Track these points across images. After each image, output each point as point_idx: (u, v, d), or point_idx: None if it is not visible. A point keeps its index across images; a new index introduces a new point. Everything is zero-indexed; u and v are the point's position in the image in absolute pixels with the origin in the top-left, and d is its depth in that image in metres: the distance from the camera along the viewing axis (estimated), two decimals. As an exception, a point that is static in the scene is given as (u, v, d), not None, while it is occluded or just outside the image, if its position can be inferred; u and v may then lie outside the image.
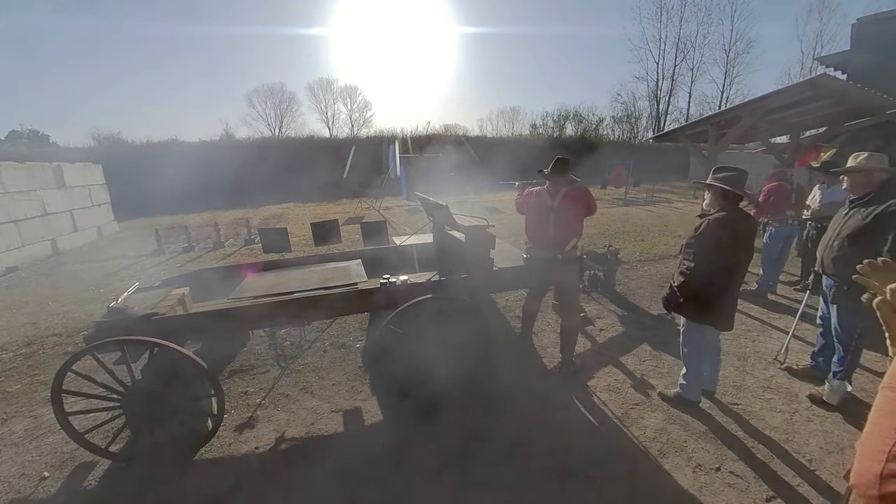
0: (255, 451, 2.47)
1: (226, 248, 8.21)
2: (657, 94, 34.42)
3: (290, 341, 3.88)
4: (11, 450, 2.57)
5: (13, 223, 7.50)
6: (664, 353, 3.47)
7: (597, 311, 4.43)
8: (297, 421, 2.74)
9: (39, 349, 3.96)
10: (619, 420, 2.65)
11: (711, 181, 2.46)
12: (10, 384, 3.34)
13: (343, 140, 22.61)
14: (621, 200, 14.14)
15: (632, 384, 3.05)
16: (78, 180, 9.77)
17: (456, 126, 28.40)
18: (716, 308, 2.44)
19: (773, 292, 4.83)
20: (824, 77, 4.62)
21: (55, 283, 6.26)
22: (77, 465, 2.41)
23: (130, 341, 2.23)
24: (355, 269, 3.41)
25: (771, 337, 3.75)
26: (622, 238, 8.11)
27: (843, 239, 2.50)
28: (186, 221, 10.78)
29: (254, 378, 3.29)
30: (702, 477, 2.17)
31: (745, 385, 2.99)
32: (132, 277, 6.27)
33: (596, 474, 2.20)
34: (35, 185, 8.26)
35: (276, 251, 5.02)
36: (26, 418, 2.88)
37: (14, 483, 2.29)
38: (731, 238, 2.32)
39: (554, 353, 3.40)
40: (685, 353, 2.69)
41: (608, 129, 34.25)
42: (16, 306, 5.25)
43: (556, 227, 2.95)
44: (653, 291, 5.02)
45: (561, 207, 2.93)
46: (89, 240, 9.75)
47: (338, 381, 3.20)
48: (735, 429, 2.54)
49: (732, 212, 2.38)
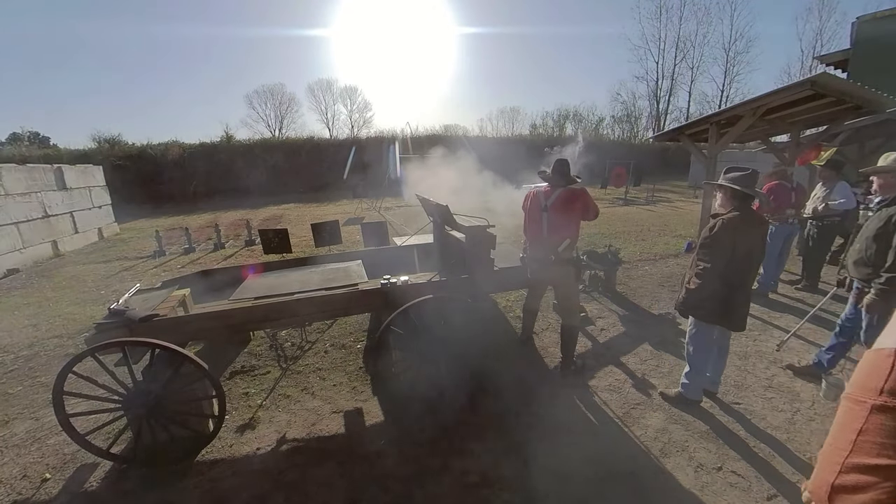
0: (256, 452, 2.47)
1: (226, 249, 8.21)
2: (657, 94, 34.39)
3: (291, 342, 3.89)
4: (13, 451, 2.57)
5: (14, 225, 7.51)
6: (665, 353, 3.47)
7: (597, 311, 4.43)
8: (299, 422, 2.74)
9: (41, 351, 3.97)
10: (620, 420, 2.65)
11: (723, 181, 2.46)
12: (12, 386, 3.34)
13: (343, 141, 22.61)
14: (622, 200, 14.13)
15: (633, 384, 3.04)
16: (78, 182, 9.79)
17: (456, 126, 28.40)
18: (730, 308, 2.44)
19: (774, 291, 4.82)
20: (824, 75, 4.60)
21: (56, 285, 6.27)
22: (79, 466, 2.42)
23: (131, 343, 2.24)
24: (356, 269, 3.41)
25: (772, 336, 3.75)
26: (623, 238, 8.11)
27: (869, 240, 2.48)
28: (187, 223, 10.79)
29: (255, 379, 3.29)
30: (703, 476, 2.17)
31: (747, 384, 2.99)
32: (133, 279, 6.28)
33: (597, 474, 2.20)
34: (36, 186, 8.27)
35: (276, 252, 5.02)
36: (28, 420, 2.88)
37: (16, 485, 2.30)
38: (744, 237, 2.32)
39: (555, 353, 3.40)
40: (690, 351, 2.68)
41: (608, 128, 34.27)
42: (17, 308, 5.26)
43: (549, 228, 2.97)
44: (653, 291, 5.02)
45: (554, 208, 2.94)
46: (90, 241, 9.76)
47: (339, 381, 3.20)
48: (737, 428, 2.53)
49: (745, 211, 2.39)
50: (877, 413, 0.44)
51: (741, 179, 2.40)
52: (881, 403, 0.44)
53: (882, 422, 0.43)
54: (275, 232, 5.05)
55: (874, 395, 0.45)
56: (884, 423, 0.43)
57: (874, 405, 0.44)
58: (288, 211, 13.73)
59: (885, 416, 0.43)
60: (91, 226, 9.98)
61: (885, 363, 0.45)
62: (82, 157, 15.87)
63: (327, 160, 19.52)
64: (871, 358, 0.48)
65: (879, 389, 0.45)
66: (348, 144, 20.29)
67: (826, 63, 13.45)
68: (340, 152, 19.55)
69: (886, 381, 0.45)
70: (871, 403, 0.45)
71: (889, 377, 0.44)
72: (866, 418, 0.45)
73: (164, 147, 18.97)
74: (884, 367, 0.45)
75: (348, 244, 7.17)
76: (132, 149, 18.83)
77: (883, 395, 0.44)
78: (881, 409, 0.44)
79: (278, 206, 14.72)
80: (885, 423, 0.43)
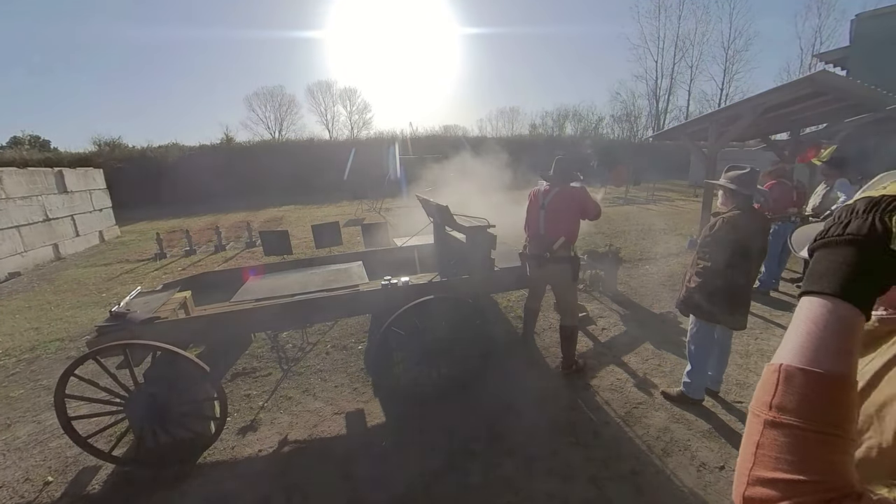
0: (258, 453, 2.47)
1: (227, 251, 8.22)
2: (656, 93, 34.38)
3: (292, 344, 3.89)
4: (15, 455, 2.57)
5: (15, 228, 7.52)
6: (666, 352, 3.47)
7: (599, 311, 4.42)
8: (300, 423, 2.73)
9: (42, 354, 3.97)
10: (622, 419, 2.65)
11: (724, 181, 2.46)
12: (14, 389, 3.34)
13: (343, 142, 22.64)
14: (622, 199, 14.12)
15: (634, 383, 3.04)
16: (79, 185, 9.80)
17: (456, 127, 28.46)
18: (731, 306, 2.44)
19: (776, 290, 4.82)
20: (824, 73, 4.61)
21: (57, 288, 6.28)
22: (81, 469, 2.42)
23: (133, 345, 2.24)
24: (356, 270, 3.41)
25: (774, 334, 3.74)
26: (623, 237, 8.10)
27: None
28: (188, 225, 10.80)
29: (256, 381, 3.29)
30: (706, 476, 2.17)
31: (749, 383, 2.99)
32: (134, 282, 6.29)
33: (599, 474, 2.19)
34: (36, 190, 8.28)
35: (277, 254, 5.02)
36: (30, 423, 2.89)
37: (18, 488, 2.30)
38: (746, 236, 2.33)
39: (556, 352, 3.40)
40: (692, 350, 2.68)
41: (608, 128, 34.29)
42: (18, 311, 5.26)
43: (545, 226, 2.98)
44: (654, 290, 5.01)
45: (550, 207, 2.96)
46: (91, 244, 9.77)
47: (340, 383, 3.20)
48: (739, 427, 2.53)
49: (746, 210, 2.39)
50: (769, 428, 0.46)
51: (741, 178, 2.40)
52: (771, 419, 0.46)
53: (775, 436, 0.45)
54: (275, 233, 5.06)
55: (765, 409, 0.47)
56: (776, 438, 0.44)
57: (766, 419, 0.46)
58: (288, 212, 13.74)
59: (777, 432, 0.45)
60: (92, 229, 9.99)
61: (772, 378, 0.47)
62: (83, 160, 15.90)
63: (327, 161, 19.54)
64: (765, 372, 0.50)
65: (769, 404, 0.46)
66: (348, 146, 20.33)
67: (825, 61, 13.46)
68: (340, 154, 19.58)
69: (773, 395, 0.46)
70: (764, 418, 0.47)
71: (776, 392, 0.46)
72: (761, 432, 0.46)
73: (164, 149, 19.01)
74: (771, 382, 0.47)
75: (349, 245, 7.17)
76: (132, 151, 18.89)
77: (772, 410, 0.46)
78: (772, 424, 0.45)
79: (279, 208, 14.73)
80: (778, 439, 0.44)
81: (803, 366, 0.45)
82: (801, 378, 0.45)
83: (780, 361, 0.48)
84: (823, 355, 0.45)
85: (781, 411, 0.45)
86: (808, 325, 0.48)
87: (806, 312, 0.49)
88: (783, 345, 0.50)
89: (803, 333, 0.48)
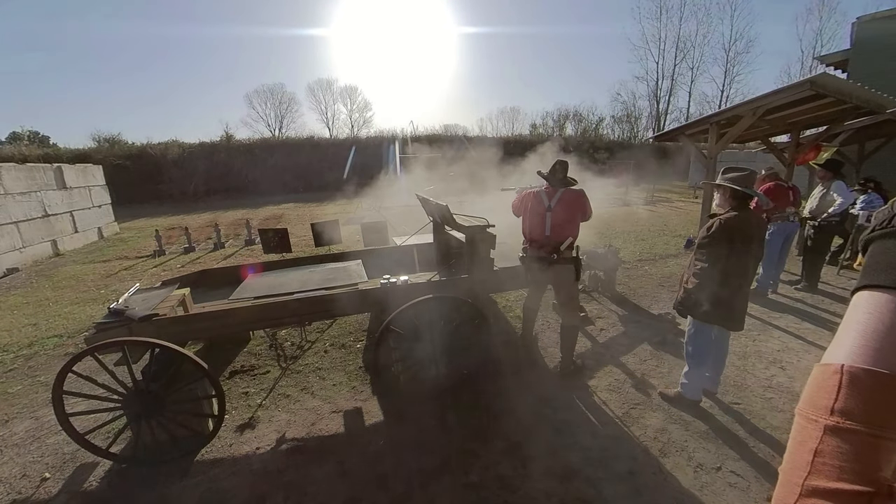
0: (255, 451, 2.47)
1: (226, 248, 8.21)
2: (657, 94, 34.43)
3: (291, 342, 3.89)
4: (13, 451, 2.57)
5: (14, 224, 7.51)
6: (665, 353, 3.47)
7: (597, 311, 4.43)
8: (298, 421, 2.74)
9: (40, 350, 3.97)
10: (619, 420, 2.65)
11: (721, 181, 2.46)
12: (12, 385, 3.34)
13: (343, 140, 22.60)
14: (622, 200, 14.12)
15: (632, 384, 3.04)
16: (78, 181, 9.78)
17: (456, 126, 28.43)
18: (728, 308, 2.45)
19: (774, 291, 4.82)
20: (824, 76, 4.60)
21: (56, 285, 6.27)
22: (78, 465, 2.42)
23: (131, 342, 2.24)
24: (355, 269, 3.41)
25: (771, 336, 3.75)
26: (623, 237, 8.11)
27: None
28: (187, 222, 10.79)
29: (254, 379, 3.29)
30: (703, 476, 2.17)
31: (746, 384, 2.99)
32: (133, 278, 6.28)
33: (597, 474, 2.20)
34: (35, 186, 8.27)
35: (276, 252, 5.02)
36: (27, 419, 2.88)
37: (15, 484, 2.30)
38: (743, 237, 2.33)
39: (555, 352, 3.40)
40: (689, 351, 2.68)
41: (608, 128, 34.31)
42: (17, 307, 5.26)
43: (552, 228, 2.98)
44: (653, 291, 5.02)
45: (557, 209, 2.95)
46: (90, 241, 9.76)
47: (338, 381, 3.20)
48: (736, 428, 2.54)
49: (742, 211, 2.39)
50: (830, 434, 0.42)
51: (739, 179, 2.40)
52: (833, 424, 0.41)
53: (837, 444, 0.41)
54: (274, 231, 5.05)
55: (825, 414, 0.42)
56: (839, 446, 0.41)
57: (827, 426, 0.42)
58: (288, 210, 13.73)
59: (839, 439, 0.41)
60: (91, 225, 9.98)
61: (832, 380, 0.43)
62: (82, 156, 15.88)
63: (327, 160, 19.53)
64: (819, 373, 0.45)
65: (830, 409, 0.42)
66: (348, 144, 20.31)
67: (826, 63, 13.44)
68: (340, 152, 19.58)
69: (836, 400, 0.42)
70: (824, 423, 0.42)
71: (838, 396, 0.42)
72: (820, 438, 0.42)
73: (164, 146, 18.98)
74: (831, 384, 0.43)
75: (348, 244, 7.17)
76: (132, 148, 18.87)
77: (834, 415, 0.42)
78: (834, 430, 0.41)
79: (278, 206, 14.72)
80: (841, 446, 0.40)
81: (869, 366, 0.41)
82: (868, 380, 0.41)
83: (839, 361, 0.43)
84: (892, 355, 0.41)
85: (846, 416, 0.41)
86: (872, 322, 0.43)
87: (867, 308, 0.44)
88: (838, 343, 0.45)
89: (866, 331, 0.43)
